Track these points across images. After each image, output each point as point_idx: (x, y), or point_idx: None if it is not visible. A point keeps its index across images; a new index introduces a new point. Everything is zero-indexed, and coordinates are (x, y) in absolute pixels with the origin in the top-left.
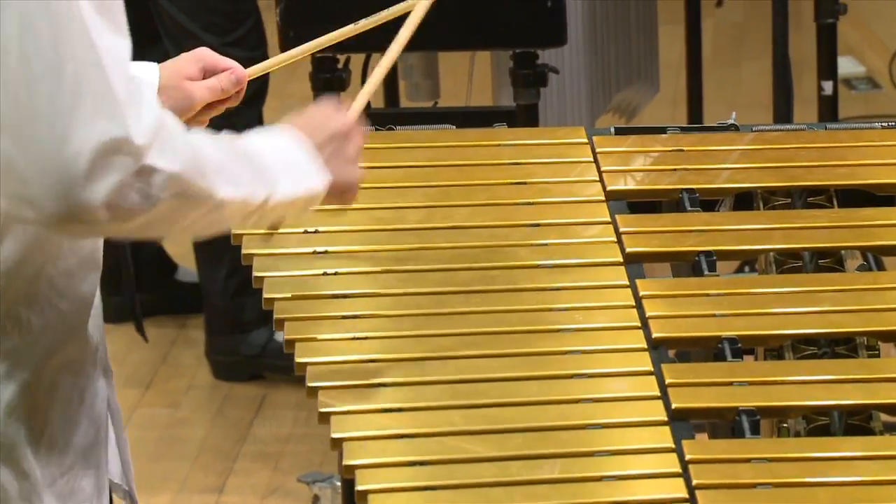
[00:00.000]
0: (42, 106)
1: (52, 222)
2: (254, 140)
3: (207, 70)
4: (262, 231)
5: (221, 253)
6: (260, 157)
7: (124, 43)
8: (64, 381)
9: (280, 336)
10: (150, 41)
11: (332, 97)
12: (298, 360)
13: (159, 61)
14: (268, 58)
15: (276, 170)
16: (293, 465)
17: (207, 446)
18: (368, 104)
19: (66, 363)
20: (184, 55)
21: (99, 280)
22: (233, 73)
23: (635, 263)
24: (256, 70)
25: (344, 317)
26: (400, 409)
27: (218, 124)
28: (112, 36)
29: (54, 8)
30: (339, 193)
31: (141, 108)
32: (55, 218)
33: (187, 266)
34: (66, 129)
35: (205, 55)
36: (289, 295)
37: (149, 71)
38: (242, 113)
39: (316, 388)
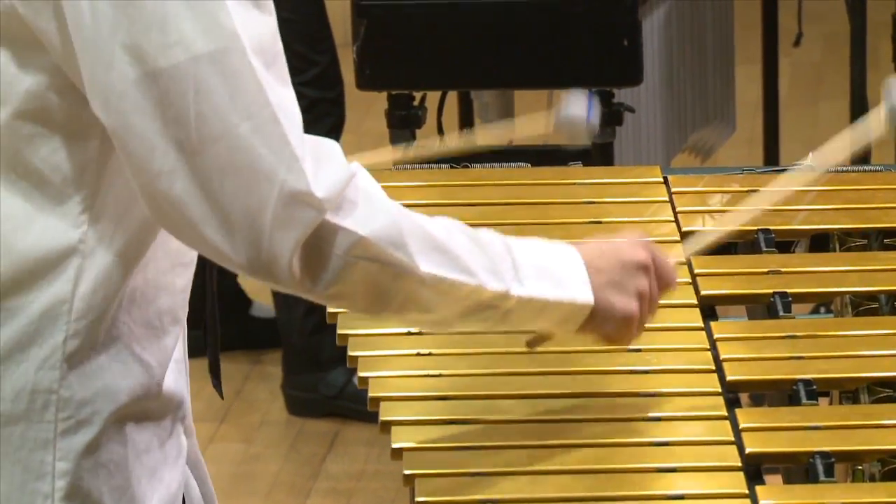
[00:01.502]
0: (224, 163)
1: (243, 270)
2: (508, 238)
3: None
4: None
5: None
6: (504, 249)
7: (292, 95)
8: (140, 433)
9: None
10: None
11: (639, 234)
12: (372, 395)
13: None
14: (343, 97)
15: (522, 267)
16: (365, 501)
17: (280, 482)
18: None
19: (143, 414)
20: None
21: (181, 334)
22: None
23: (710, 305)
24: None
25: (418, 354)
26: (471, 447)
27: None
28: (283, 89)
29: (228, 69)
30: (602, 324)
31: (323, 163)
32: (244, 268)
33: (263, 301)
34: (248, 183)
35: None
36: (363, 331)
37: None
38: None
39: (389, 424)
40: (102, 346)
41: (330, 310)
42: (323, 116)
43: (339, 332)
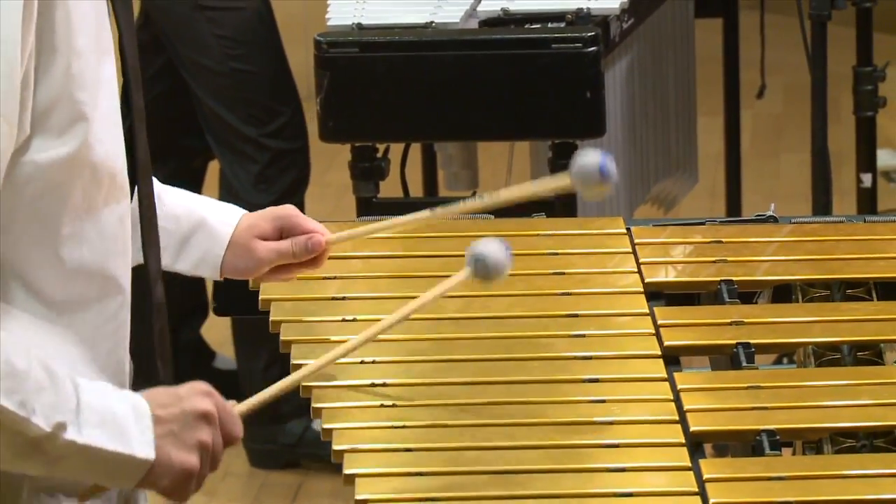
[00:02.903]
0: None
1: None
2: (79, 380)
3: (286, 230)
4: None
5: (260, 342)
6: (72, 388)
7: None
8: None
9: (317, 425)
10: (193, 131)
11: (204, 385)
12: (335, 447)
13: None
14: (308, 149)
15: (86, 411)
16: None
17: None
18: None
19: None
20: (269, 210)
21: None
22: (310, 239)
23: (673, 355)
24: (338, 238)
25: (382, 405)
26: (438, 499)
27: None
28: None
29: None
30: (158, 479)
31: None
32: None
33: (225, 354)
34: None
35: (287, 215)
36: (327, 383)
37: (230, 217)
38: (284, 202)
39: (353, 476)
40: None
41: (294, 361)
42: (288, 168)
43: (303, 384)
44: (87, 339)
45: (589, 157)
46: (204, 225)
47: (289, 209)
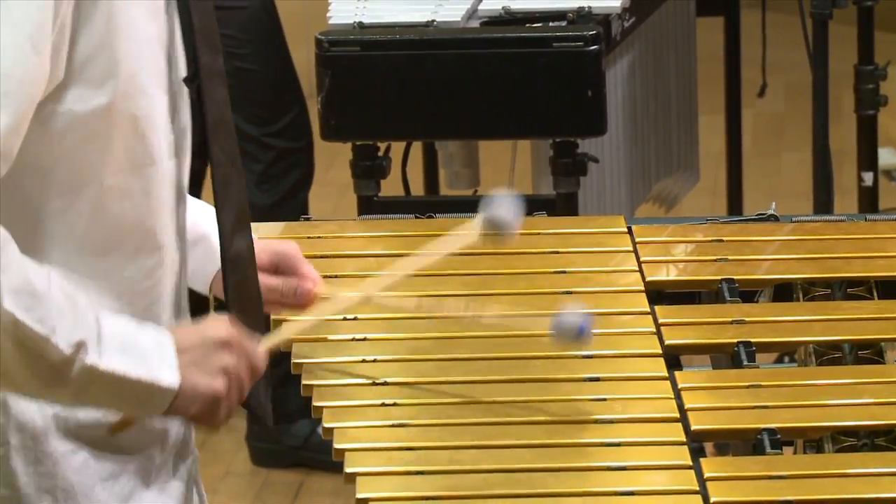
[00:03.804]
0: None
1: None
2: (100, 311)
3: (282, 267)
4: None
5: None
6: (93, 318)
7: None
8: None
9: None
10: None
11: (224, 316)
12: (336, 446)
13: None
14: (312, 148)
15: (107, 338)
16: None
17: None
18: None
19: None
20: (272, 243)
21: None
22: (300, 288)
23: (674, 355)
24: (328, 295)
25: (383, 404)
26: (437, 497)
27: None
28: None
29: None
30: (188, 405)
31: None
32: None
33: None
34: None
35: (287, 254)
36: (327, 382)
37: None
38: (287, 201)
39: (354, 475)
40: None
41: (295, 360)
42: (292, 167)
43: (304, 382)
44: (122, 294)
45: (571, 319)
46: (205, 241)
47: (291, 247)
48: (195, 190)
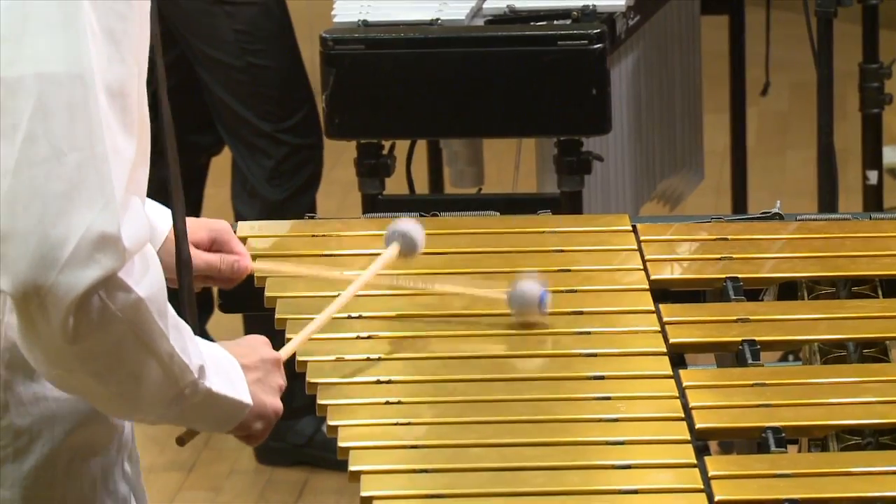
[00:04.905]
0: (39, 186)
1: (17, 291)
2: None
3: (217, 244)
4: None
5: (270, 338)
6: (194, 342)
7: (132, 146)
8: (84, 461)
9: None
10: (202, 128)
11: (263, 336)
12: (341, 444)
13: (212, 146)
14: (322, 145)
15: (208, 359)
16: None
17: None
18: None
19: (88, 443)
20: (204, 220)
21: None
22: (237, 262)
23: (679, 353)
24: (262, 271)
25: (387, 402)
26: (442, 495)
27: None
28: (123, 136)
29: (73, 97)
30: (254, 422)
31: (131, 215)
32: (21, 287)
33: None
34: (59, 211)
35: (222, 230)
36: (332, 380)
37: (167, 218)
38: (297, 198)
39: (358, 473)
40: (39, 374)
41: (299, 358)
42: (303, 164)
43: (309, 380)
44: None
45: (530, 287)
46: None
47: (224, 224)
48: (200, 187)
